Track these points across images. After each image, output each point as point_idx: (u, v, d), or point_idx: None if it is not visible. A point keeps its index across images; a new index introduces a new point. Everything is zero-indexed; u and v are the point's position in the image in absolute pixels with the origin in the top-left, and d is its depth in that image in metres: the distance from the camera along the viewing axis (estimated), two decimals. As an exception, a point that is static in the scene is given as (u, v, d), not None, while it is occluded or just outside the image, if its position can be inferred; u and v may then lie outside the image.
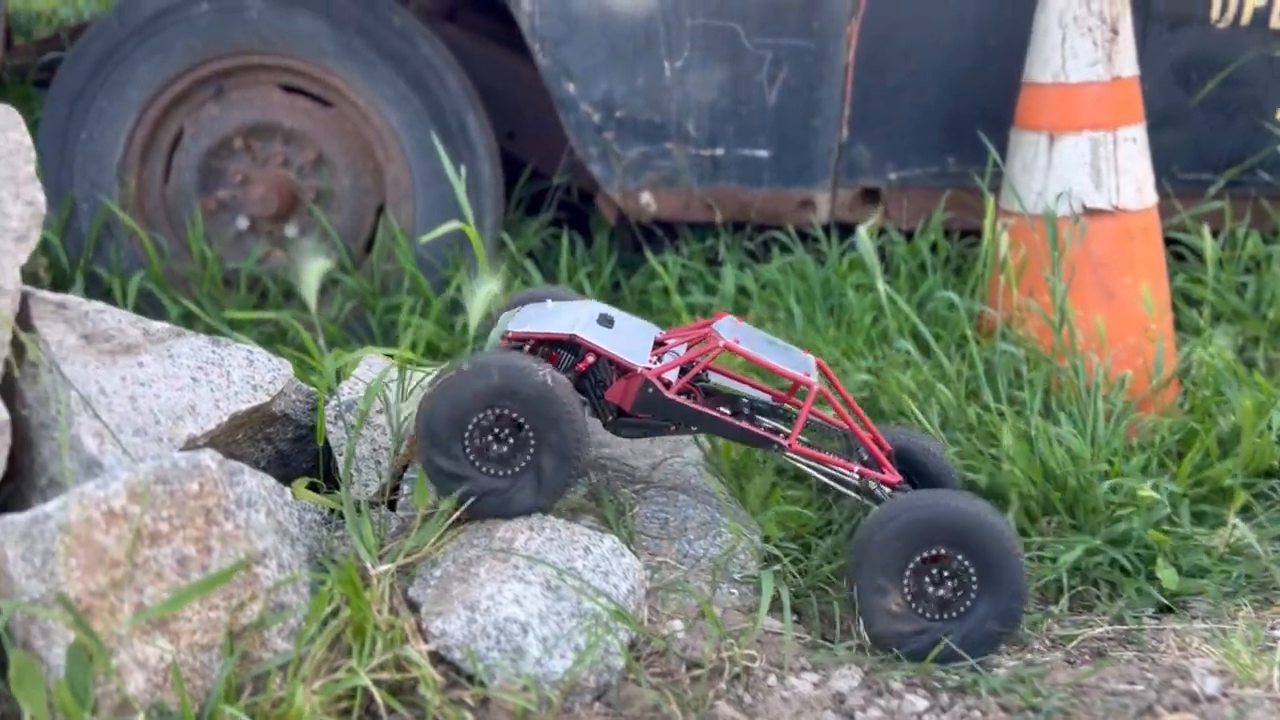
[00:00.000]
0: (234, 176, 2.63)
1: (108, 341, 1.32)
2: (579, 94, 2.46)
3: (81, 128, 2.52)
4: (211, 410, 1.37)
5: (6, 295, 1.22)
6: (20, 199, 1.25)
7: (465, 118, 2.61)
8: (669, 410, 1.49)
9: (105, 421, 1.27)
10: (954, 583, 1.38)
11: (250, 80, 2.60)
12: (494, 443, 1.40)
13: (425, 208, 2.63)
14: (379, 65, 2.55)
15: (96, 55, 2.49)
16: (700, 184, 2.55)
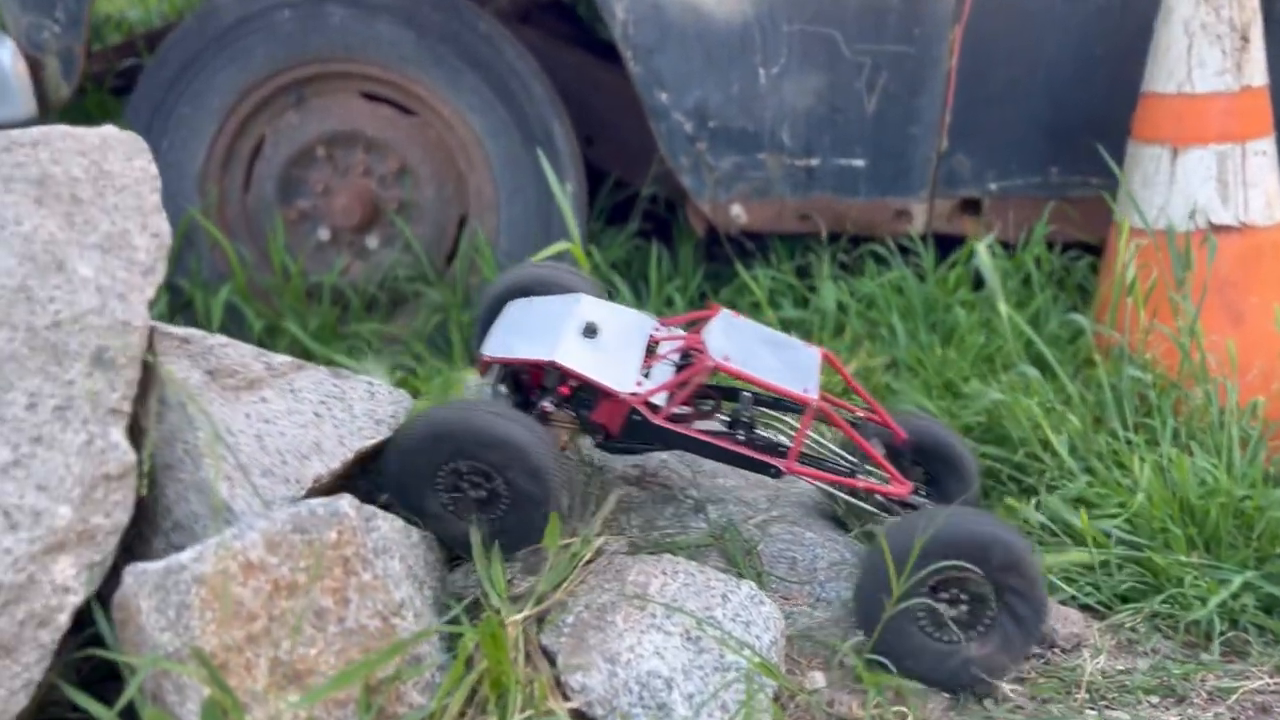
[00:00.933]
0: (315, 186, 2.58)
1: (231, 377, 1.27)
2: (671, 103, 2.39)
3: (162, 136, 2.48)
4: (336, 447, 1.32)
5: (135, 332, 1.16)
6: (147, 230, 1.20)
7: (551, 126, 2.55)
8: (657, 436, 1.43)
9: (232, 463, 1.22)
10: (971, 603, 1.32)
11: (331, 88, 2.55)
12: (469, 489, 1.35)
13: (509, 219, 2.57)
14: (464, 72, 2.49)
15: (177, 63, 2.45)
16: (794, 194, 2.47)
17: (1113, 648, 1.48)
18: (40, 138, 1.13)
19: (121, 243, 1.18)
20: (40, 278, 1.11)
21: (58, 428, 1.11)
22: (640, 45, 2.35)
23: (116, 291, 1.16)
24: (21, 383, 1.09)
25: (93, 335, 1.14)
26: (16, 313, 1.10)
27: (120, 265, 1.17)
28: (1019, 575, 1.30)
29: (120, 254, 1.17)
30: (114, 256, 1.17)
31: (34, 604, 1.09)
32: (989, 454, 1.79)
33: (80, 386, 1.13)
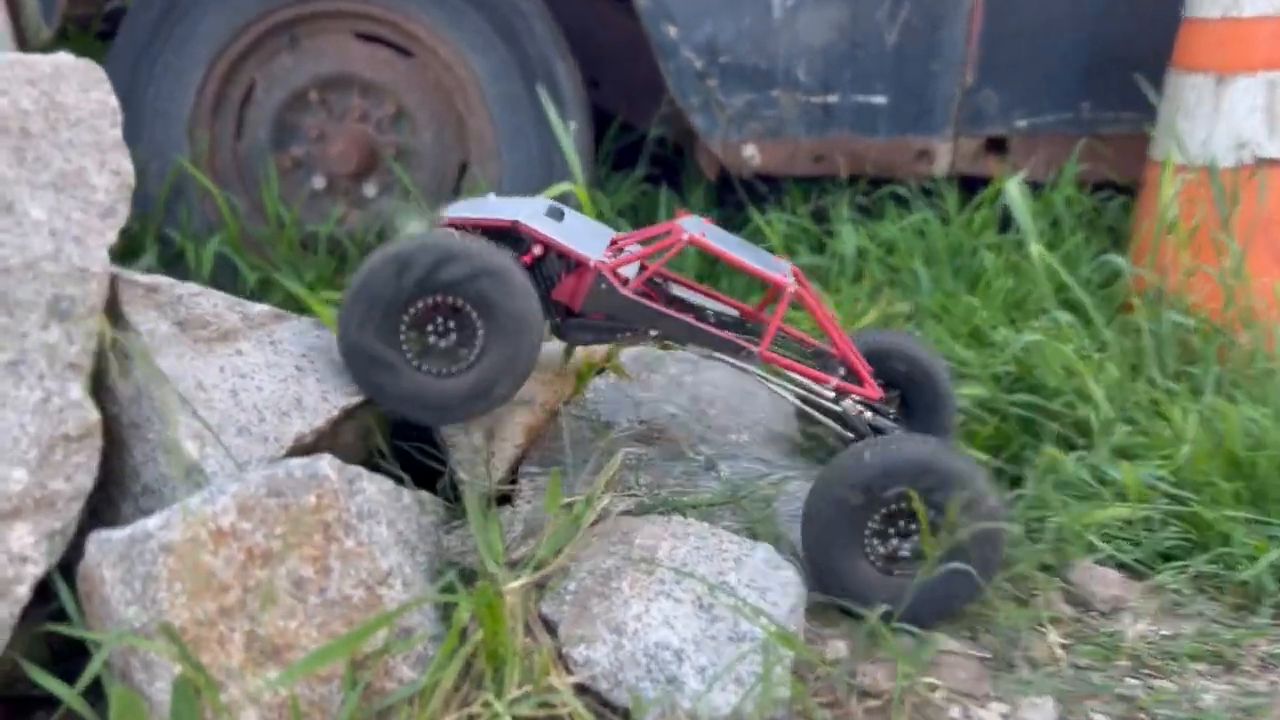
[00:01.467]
0: (310, 132, 2.47)
1: (204, 328, 1.17)
2: (680, 38, 2.26)
3: (148, 83, 2.37)
4: (319, 404, 1.22)
5: (94, 279, 1.07)
6: (106, 168, 1.10)
7: (554, 66, 2.43)
8: (623, 309, 1.32)
9: (206, 421, 1.12)
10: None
11: (324, 28, 2.42)
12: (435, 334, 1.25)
13: (511, 164, 2.46)
14: (465, 11, 2.37)
15: (162, 5, 2.34)
16: (809, 134, 2.35)
17: (1155, 611, 1.39)
18: (-16, 66, 1.03)
19: (77, 181, 1.07)
20: (-14, 220, 1.02)
21: (10, 384, 1.02)
22: (647, -23, 2.22)
23: (72, 235, 1.06)
24: (-32, 335, 1.00)
25: (47, 283, 1.04)
26: (-40, 259, 1.00)
27: (76, 206, 1.07)
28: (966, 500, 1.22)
29: (76, 194, 1.07)
30: (69, 197, 1.07)
31: (-12, 575, 1.00)
32: (1020, 402, 1.69)
33: (35, 339, 1.03)
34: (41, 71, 1.06)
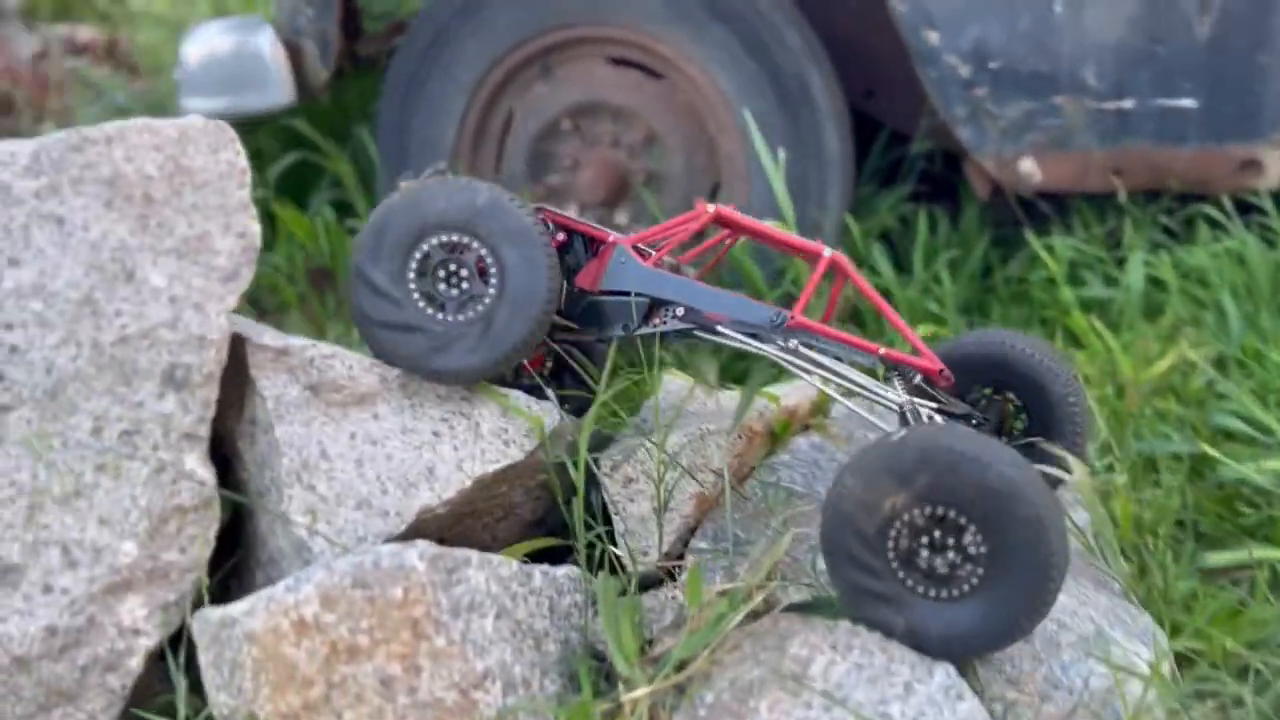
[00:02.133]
0: (564, 161, 2.44)
1: (338, 392, 1.13)
2: (943, 44, 2.01)
3: (414, 115, 2.43)
4: (453, 473, 1.14)
5: (212, 346, 1.04)
6: (231, 230, 1.07)
7: (807, 78, 2.25)
8: (643, 280, 1.23)
9: (322, 494, 1.07)
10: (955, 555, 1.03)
11: (576, 55, 2.39)
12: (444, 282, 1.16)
13: (763, 188, 2.31)
14: (710, 26, 2.25)
15: (426, 38, 2.39)
16: (1101, 145, 2.02)
17: None
18: (115, 134, 1.03)
19: (200, 246, 1.06)
20: (108, 289, 1.01)
21: (124, 455, 1.01)
22: (904, -21, 2.00)
23: (192, 301, 1.04)
24: (86, 405, 1.00)
25: (164, 351, 1.03)
26: (82, 328, 1.00)
27: (198, 272, 1.05)
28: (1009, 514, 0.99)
29: (199, 259, 1.06)
30: (191, 263, 1.05)
31: (97, 648, 1.00)
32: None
33: (150, 409, 1.02)
34: (168, 136, 1.05)
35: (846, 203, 2.30)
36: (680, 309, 1.23)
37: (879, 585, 1.05)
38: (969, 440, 1.01)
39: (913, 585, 1.05)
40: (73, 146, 1.02)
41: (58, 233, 1.00)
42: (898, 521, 1.04)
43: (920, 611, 1.05)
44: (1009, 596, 1.01)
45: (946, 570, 1.04)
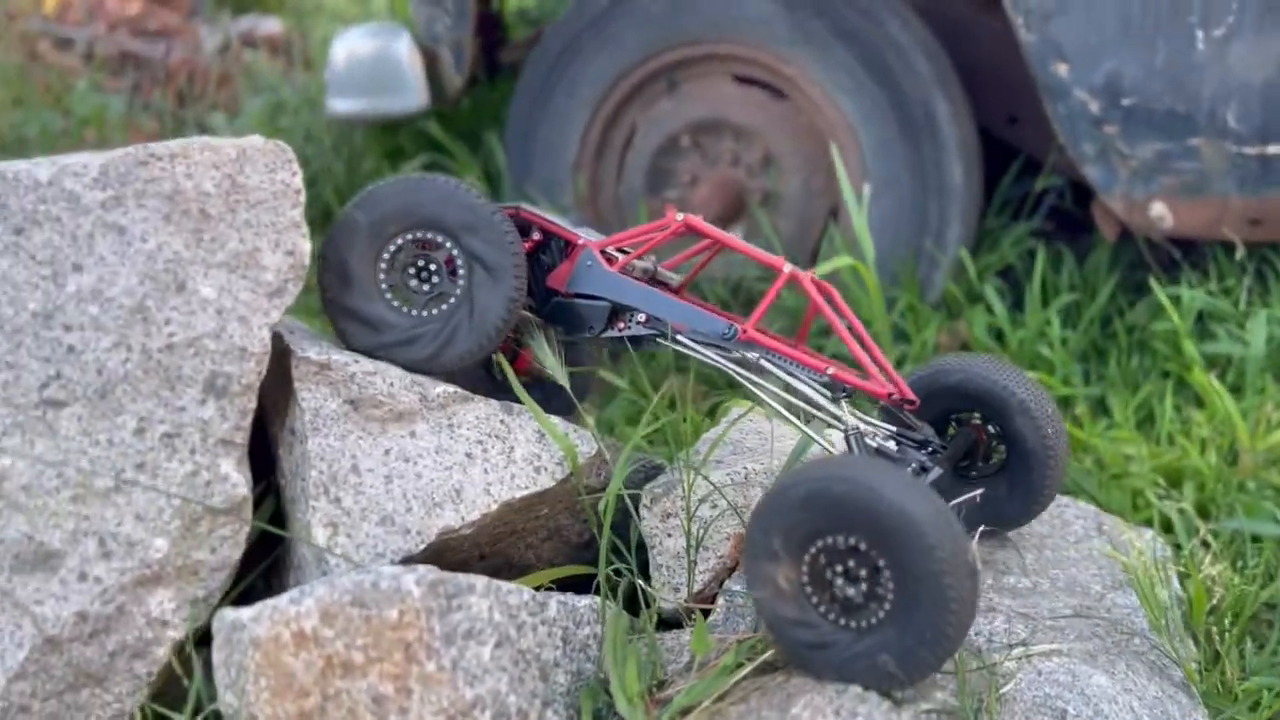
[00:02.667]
0: (682, 176, 2.44)
1: (377, 408, 1.16)
2: (1072, 77, 1.92)
3: (540, 125, 2.47)
4: (479, 496, 1.16)
5: (252, 358, 1.09)
6: (280, 248, 1.12)
7: (934, 106, 2.18)
8: (606, 285, 1.26)
9: (347, 507, 1.11)
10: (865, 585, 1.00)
11: (702, 72, 2.38)
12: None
13: (880, 214, 2.25)
14: (835, 49, 2.21)
15: (555, 51, 2.42)
16: (1240, 192, 1.88)
17: None
18: (178, 150, 1.09)
19: (250, 262, 1.10)
20: (159, 297, 1.07)
21: (164, 455, 1.07)
22: (1033, 9, 1.91)
23: (238, 314, 1.09)
24: (132, 405, 1.06)
25: (207, 360, 1.08)
26: (133, 334, 1.06)
27: (245, 286, 1.10)
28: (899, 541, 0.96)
29: (248, 274, 1.10)
30: (240, 277, 1.10)
31: (125, 635, 1.06)
32: None
33: (191, 414, 1.07)
34: (227, 155, 1.10)
35: (969, 236, 2.22)
36: (643, 315, 1.26)
37: (795, 613, 1.04)
38: (857, 468, 1.00)
39: (826, 614, 1.04)
40: (139, 161, 1.08)
41: (119, 242, 1.07)
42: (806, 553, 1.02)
43: (837, 640, 1.03)
44: (914, 628, 0.98)
45: (860, 600, 1.02)
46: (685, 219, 1.28)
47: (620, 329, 1.28)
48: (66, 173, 1.06)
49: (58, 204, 1.06)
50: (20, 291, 1.05)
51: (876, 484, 0.98)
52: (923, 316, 2.14)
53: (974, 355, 1.30)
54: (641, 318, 1.27)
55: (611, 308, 1.28)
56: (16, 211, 1.05)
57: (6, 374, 1.04)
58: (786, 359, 1.21)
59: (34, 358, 1.04)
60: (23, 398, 1.04)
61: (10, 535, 1.02)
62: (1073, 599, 1.30)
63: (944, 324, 2.16)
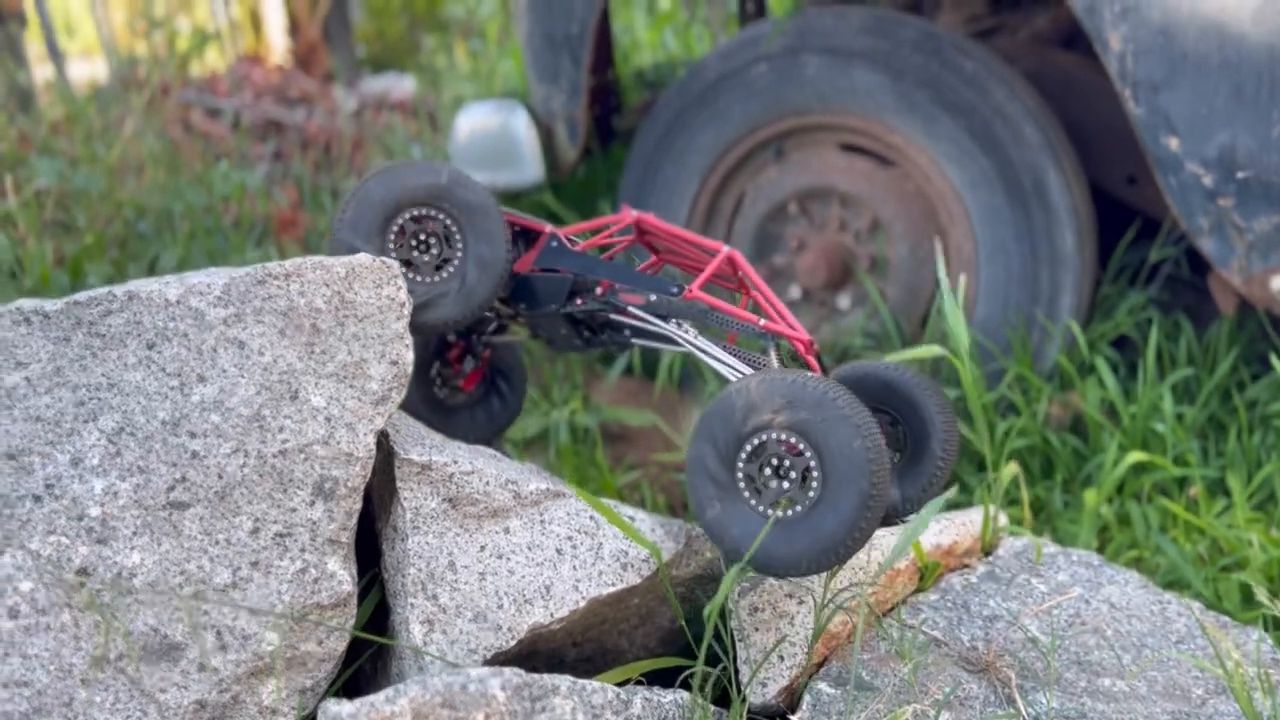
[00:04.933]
0: (790, 242, 2.47)
1: (473, 505, 1.22)
2: (1184, 150, 1.88)
3: (650, 196, 2.54)
4: (569, 593, 1.21)
5: (358, 463, 1.17)
6: (385, 358, 1.19)
7: (1044, 175, 2.16)
8: (567, 260, 1.43)
9: (444, 604, 1.17)
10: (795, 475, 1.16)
11: (808, 141, 2.41)
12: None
13: (987, 281, 2.23)
14: (941, 119, 2.21)
15: (663, 124, 2.49)
16: (1368, 266, 1.81)
17: None
18: (292, 270, 1.18)
19: (356, 372, 1.18)
20: (274, 406, 1.16)
21: (276, 554, 1.15)
22: (1144, 82, 1.88)
23: (345, 421, 1.17)
24: (249, 507, 1.15)
25: (317, 464, 1.16)
26: (250, 440, 1.15)
27: (352, 395, 1.18)
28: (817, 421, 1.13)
29: (355, 383, 1.18)
30: (348, 386, 1.18)
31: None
32: None
33: (301, 515, 1.15)
34: (337, 274, 1.18)
35: (1081, 305, 2.18)
36: (599, 289, 1.40)
37: (723, 494, 1.17)
38: (799, 373, 1.17)
39: (756, 504, 1.17)
40: (257, 280, 1.17)
41: (239, 355, 1.16)
42: (749, 443, 1.17)
43: (752, 525, 1.16)
44: (833, 511, 1.13)
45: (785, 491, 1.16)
46: (638, 216, 1.48)
47: (578, 304, 1.42)
48: (193, 292, 1.16)
49: (185, 321, 1.16)
50: (151, 401, 1.15)
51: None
52: (1034, 387, 2.11)
53: (870, 361, 1.45)
54: (598, 291, 1.41)
55: (570, 286, 1.42)
56: (149, 328, 1.16)
57: (138, 478, 1.13)
58: (723, 313, 1.36)
59: (162, 462, 1.14)
60: (152, 500, 1.13)
61: (138, 628, 1.11)
62: (1171, 704, 1.27)
63: (1055, 395, 2.12)
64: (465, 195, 1.37)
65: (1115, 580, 1.45)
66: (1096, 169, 2.41)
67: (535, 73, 2.58)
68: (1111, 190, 2.45)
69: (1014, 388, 2.12)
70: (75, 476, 1.12)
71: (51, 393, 1.14)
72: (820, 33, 2.30)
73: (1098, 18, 1.88)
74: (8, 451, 1.12)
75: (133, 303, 1.15)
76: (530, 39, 2.54)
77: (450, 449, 1.27)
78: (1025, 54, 2.59)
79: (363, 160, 3.75)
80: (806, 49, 2.31)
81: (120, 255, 2.56)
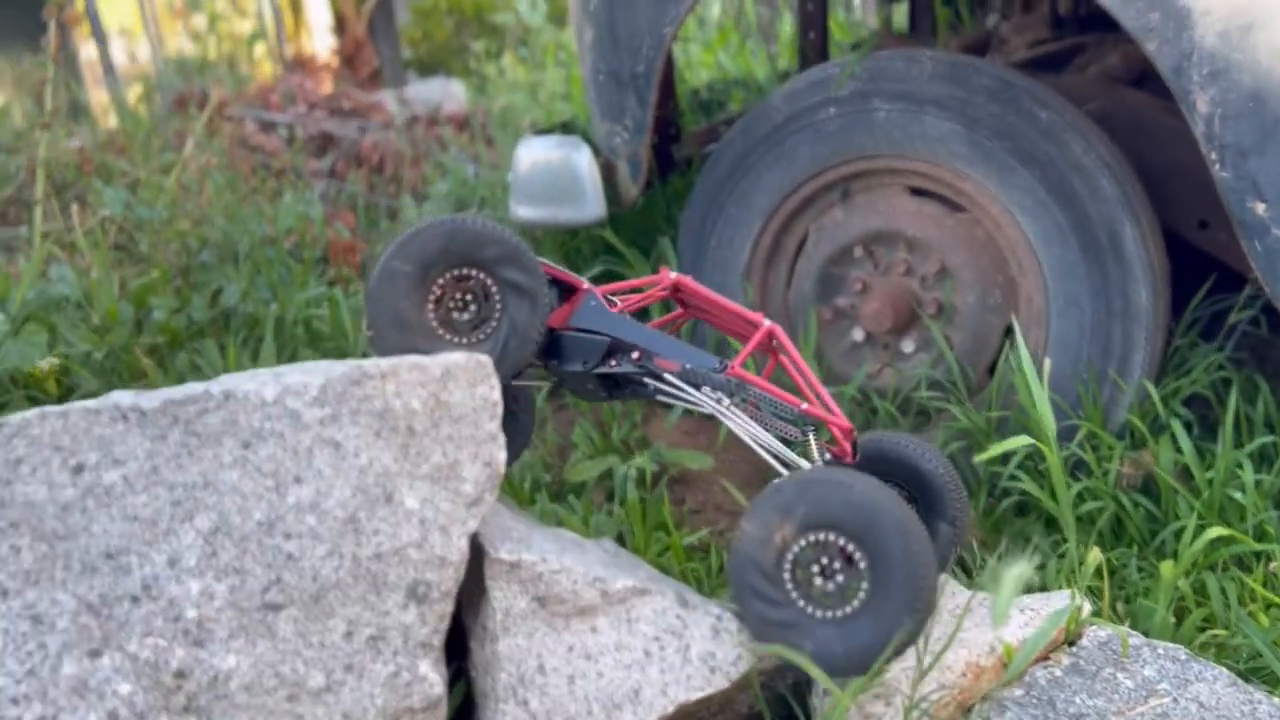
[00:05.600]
0: (854, 285, 2.44)
1: (561, 604, 1.22)
2: (1272, 216, 1.84)
3: (712, 234, 2.52)
4: (657, 698, 1.20)
5: (451, 567, 1.16)
6: (479, 459, 1.19)
7: (1119, 229, 2.12)
8: (607, 322, 1.41)
9: (534, 709, 1.17)
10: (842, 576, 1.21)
11: (876, 184, 2.38)
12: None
13: (1059, 334, 2.20)
14: (1016, 170, 2.17)
15: (728, 164, 2.47)
16: None
17: None
18: (389, 370, 1.17)
19: (450, 474, 1.18)
20: (369, 509, 1.16)
21: (369, 657, 1.15)
22: (1231, 146, 1.84)
23: (439, 524, 1.17)
24: (343, 610, 1.15)
25: (410, 568, 1.16)
26: (345, 542, 1.15)
27: (446, 497, 1.17)
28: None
29: (448, 485, 1.18)
30: (441, 488, 1.18)
31: (331, 823, 1.15)
32: None
33: (394, 618, 1.15)
34: (432, 374, 1.18)
35: (1154, 360, 2.14)
36: (635, 353, 1.39)
37: (780, 614, 1.20)
38: (836, 471, 1.21)
39: (810, 610, 1.21)
40: (353, 380, 1.17)
41: (334, 456, 1.16)
42: (789, 552, 1.20)
43: (822, 633, 1.19)
44: (890, 601, 1.16)
45: (836, 590, 1.20)
46: (676, 278, 1.47)
47: (611, 365, 1.41)
48: (290, 392, 1.16)
49: (281, 421, 1.16)
50: (247, 501, 1.15)
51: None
52: (1104, 446, 2.08)
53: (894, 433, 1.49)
54: (634, 355, 1.40)
55: (608, 345, 1.41)
56: (245, 427, 1.16)
57: (234, 579, 1.14)
58: (764, 393, 1.37)
59: (258, 564, 1.14)
60: (247, 601, 1.14)
61: (235, 733, 1.12)
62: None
63: (1126, 454, 2.09)
64: (512, 276, 1.36)
65: (1204, 677, 1.43)
66: (1167, 212, 2.37)
67: (599, 109, 2.56)
68: (1183, 234, 2.41)
69: (1085, 445, 2.09)
70: (172, 577, 1.13)
71: (148, 491, 1.14)
72: (892, 78, 2.27)
73: (1185, 79, 1.84)
74: (106, 551, 1.12)
75: (229, 402, 1.15)
76: (594, 76, 2.53)
77: (536, 543, 1.27)
78: (1095, 92, 2.55)
79: (417, 176, 3.75)
80: (877, 94, 2.28)
81: (184, 286, 2.57)
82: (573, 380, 1.49)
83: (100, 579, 1.12)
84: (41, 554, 1.11)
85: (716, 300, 1.47)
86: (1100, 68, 2.70)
